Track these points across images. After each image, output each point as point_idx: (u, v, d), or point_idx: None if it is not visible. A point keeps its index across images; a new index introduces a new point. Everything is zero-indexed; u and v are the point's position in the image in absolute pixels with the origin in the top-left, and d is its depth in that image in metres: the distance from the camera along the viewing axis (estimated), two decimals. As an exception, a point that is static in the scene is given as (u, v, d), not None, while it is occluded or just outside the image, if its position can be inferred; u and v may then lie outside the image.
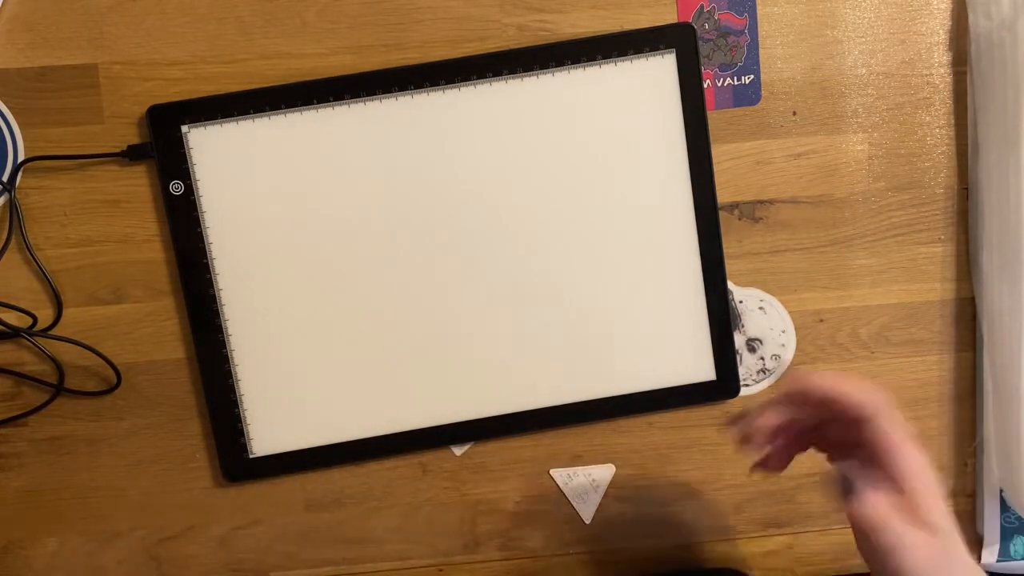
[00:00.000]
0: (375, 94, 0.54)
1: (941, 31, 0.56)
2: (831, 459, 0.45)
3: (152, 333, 0.56)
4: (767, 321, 0.58)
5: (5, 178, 0.54)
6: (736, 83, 0.56)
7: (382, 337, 0.56)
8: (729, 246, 0.56)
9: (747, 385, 0.58)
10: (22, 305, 0.55)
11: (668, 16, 0.55)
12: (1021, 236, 0.52)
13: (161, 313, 0.56)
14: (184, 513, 0.58)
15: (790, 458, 0.46)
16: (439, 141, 0.54)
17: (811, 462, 0.59)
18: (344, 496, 0.58)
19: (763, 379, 0.58)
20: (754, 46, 0.56)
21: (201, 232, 0.54)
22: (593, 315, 0.56)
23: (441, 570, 0.59)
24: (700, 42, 0.55)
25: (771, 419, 0.44)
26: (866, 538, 0.40)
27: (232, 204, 0.54)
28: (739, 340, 0.57)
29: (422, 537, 0.59)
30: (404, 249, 0.55)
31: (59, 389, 0.56)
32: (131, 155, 0.54)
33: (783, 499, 0.59)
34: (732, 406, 0.58)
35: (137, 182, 0.55)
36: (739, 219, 0.57)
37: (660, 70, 0.54)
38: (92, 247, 0.55)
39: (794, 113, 0.56)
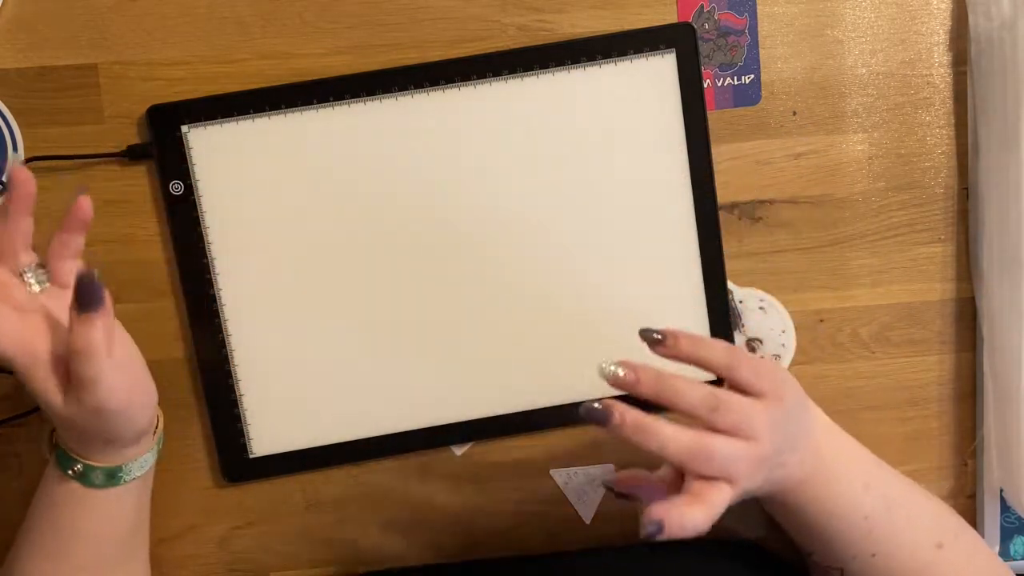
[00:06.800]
0: (375, 94, 0.54)
1: (941, 31, 0.56)
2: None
3: (152, 333, 0.56)
4: (767, 321, 0.58)
5: (5, 178, 0.54)
6: (736, 83, 0.56)
7: (382, 337, 0.56)
8: (729, 246, 0.56)
9: (747, 385, 0.58)
10: (22, 305, 0.55)
11: (668, 16, 0.55)
12: (1021, 236, 0.52)
13: (161, 313, 0.56)
14: (184, 513, 0.58)
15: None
16: (439, 141, 0.54)
17: (811, 462, 0.59)
18: (344, 496, 0.58)
19: (763, 379, 0.58)
20: (754, 46, 0.56)
21: (201, 232, 0.54)
22: (593, 315, 0.56)
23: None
24: (700, 42, 0.55)
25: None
26: None
27: (232, 204, 0.54)
28: (739, 340, 0.57)
29: (422, 537, 0.59)
30: (404, 249, 0.55)
31: (59, 389, 0.56)
32: (131, 155, 0.54)
33: (783, 499, 0.59)
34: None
35: (137, 182, 0.55)
36: (739, 219, 0.57)
37: (660, 70, 0.54)
38: (92, 247, 0.55)
39: (794, 113, 0.56)
